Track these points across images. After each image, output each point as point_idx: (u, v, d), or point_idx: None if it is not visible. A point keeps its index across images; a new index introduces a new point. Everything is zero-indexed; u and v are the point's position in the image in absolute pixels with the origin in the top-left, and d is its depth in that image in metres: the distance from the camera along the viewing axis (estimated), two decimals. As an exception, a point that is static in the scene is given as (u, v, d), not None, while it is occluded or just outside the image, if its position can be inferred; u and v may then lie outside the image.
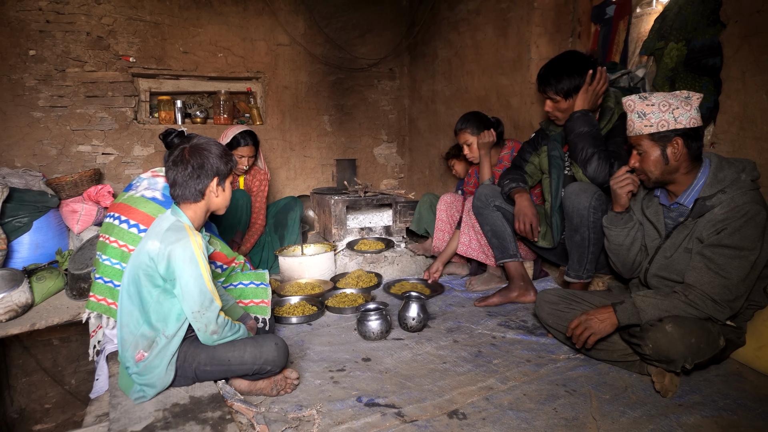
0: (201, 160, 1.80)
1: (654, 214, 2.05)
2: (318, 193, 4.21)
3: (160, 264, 1.71)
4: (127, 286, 1.77)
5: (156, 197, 2.24)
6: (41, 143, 3.94)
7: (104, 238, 2.22)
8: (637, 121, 1.90)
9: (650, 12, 3.06)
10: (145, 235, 1.84)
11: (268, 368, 1.85)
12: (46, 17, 3.84)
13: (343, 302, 2.87)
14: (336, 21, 4.88)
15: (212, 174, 1.82)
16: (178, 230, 1.75)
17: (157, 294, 1.74)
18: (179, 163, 1.80)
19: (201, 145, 1.83)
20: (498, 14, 3.77)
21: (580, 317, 1.98)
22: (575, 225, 2.43)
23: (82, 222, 3.51)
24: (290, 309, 2.78)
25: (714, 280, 1.78)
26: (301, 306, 2.82)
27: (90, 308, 2.24)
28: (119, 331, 1.80)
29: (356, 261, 3.53)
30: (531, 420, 1.71)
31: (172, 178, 1.81)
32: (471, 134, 3.18)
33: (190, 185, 1.80)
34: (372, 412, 1.78)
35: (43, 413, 3.98)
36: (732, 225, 1.77)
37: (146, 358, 1.74)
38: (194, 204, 1.84)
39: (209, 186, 1.83)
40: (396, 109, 5.34)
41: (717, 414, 1.72)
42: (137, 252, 1.78)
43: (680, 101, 1.83)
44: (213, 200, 1.87)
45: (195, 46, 4.35)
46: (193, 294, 1.71)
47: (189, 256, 1.70)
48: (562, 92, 2.50)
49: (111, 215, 2.25)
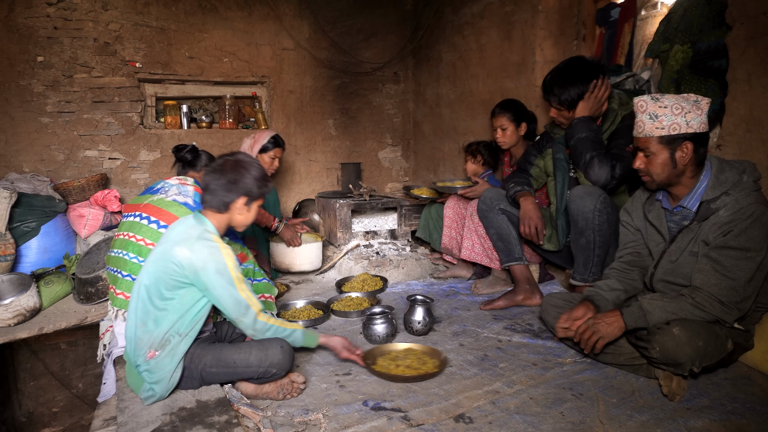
0: (236, 176, 1.85)
1: (657, 218, 2.03)
2: (323, 197, 4.22)
3: (188, 272, 1.75)
4: (147, 286, 1.79)
5: (188, 203, 2.34)
6: (49, 148, 3.97)
7: (131, 237, 2.26)
8: (648, 123, 1.87)
9: (655, 14, 3.05)
10: (168, 238, 1.84)
11: (274, 371, 1.85)
12: (54, 24, 3.87)
13: (348, 306, 2.87)
14: (340, 25, 4.90)
15: (242, 192, 1.86)
16: (208, 243, 1.78)
17: (182, 294, 1.78)
18: (217, 171, 1.86)
19: (243, 162, 1.89)
20: (502, 17, 3.78)
21: (587, 321, 1.97)
22: (580, 228, 2.42)
23: (89, 226, 3.53)
24: (296, 313, 2.79)
25: (721, 282, 1.77)
26: (306, 310, 2.82)
27: (118, 306, 2.27)
28: (132, 330, 1.81)
29: (361, 265, 3.53)
30: (538, 424, 1.71)
31: (206, 183, 1.86)
32: (510, 120, 3.17)
33: (219, 195, 1.84)
34: (378, 416, 1.78)
35: (51, 417, 4.00)
36: (738, 226, 1.76)
37: (157, 356, 1.76)
38: (218, 214, 1.87)
39: (236, 202, 1.86)
40: (401, 112, 5.35)
41: (726, 418, 1.71)
42: (160, 255, 1.80)
43: (691, 105, 1.81)
44: (236, 217, 1.90)
45: (200, 51, 4.38)
46: (229, 304, 1.78)
47: (222, 268, 1.76)
48: (565, 104, 2.50)
49: (137, 214, 2.30)
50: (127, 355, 1.87)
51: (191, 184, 2.44)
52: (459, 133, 4.42)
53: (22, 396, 3.91)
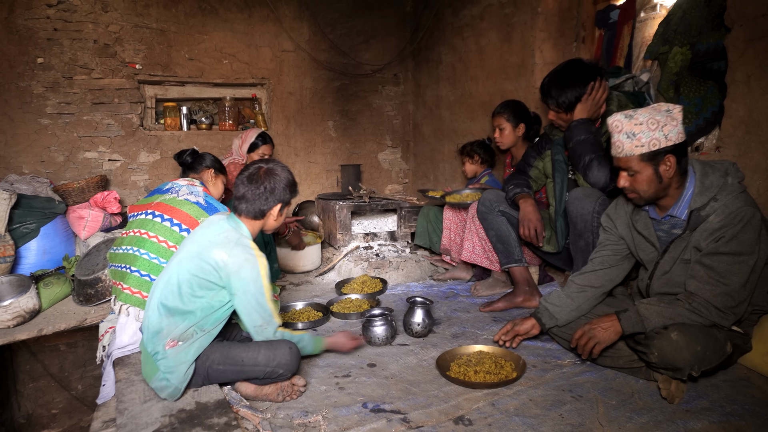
0: (273, 185, 1.92)
1: (645, 228, 2.01)
2: (323, 199, 4.23)
3: (223, 274, 1.80)
4: (179, 282, 1.81)
5: (199, 202, 2.42)
6: (48, 150, 3.97)
7: (142, 233, 2.31)
8: (626, 143, 1.80)
9: (654, 16, 3.06)
10: (205, 239, 1.87)
11: (281, 371, 1.87)
12: (54, 25, 3.88)
13: (348, 308, 2.87)
14: (340, 27, 4.91)
15: (279, 200, 1.94)
16: (246, 249, 1.83)
17: (212, 295, 1.82)
18: (253, 181, 1.91)
19: (276, 170, 1.95)
20: (502, 19, 3.78)
21: (583, 327, 1.96)
22: (579, 230, 2.42)
23: (88, 228, 3.53)
24: (295, 314, 2.79)
25: (715, 288, 1.77)
26: (306, 312, 2.82)
27: (123, 300, 2.28)
28: (156, 318, 1.82)
29: (361, 266, 3.53)
30: (537, 426, 1.71)
31: (242, 193, 1.92)
32: (507, 120, 3.17)
33: (257, 204, 1.91)
34: (377, 418, 1.78)
35: (50, 418, 4.00)
36: (730, 232, 1.75)
37: (178, 346, 1.80)
38: (254, 221, 1.94)
39: (273, 209, 1.94)
40: (400, 114, 5.35)
41: (725, 420, 1.70)
42: (197, 255, 1.83)
43: (665, 116, 1.77)
44: (270, 222, 1.98)
45: (200, 52, 4.38)
46: (255, 311, 1.83)
47: (255, 276, 1.81)
48: (563, 106, 2.50)
49: (148, 212, 2.36)
50: (143, 344, 1.89)
51: (199, 185, 2.52)
52: (459, 135, 4.42)
53: (21, 397, 3.91)
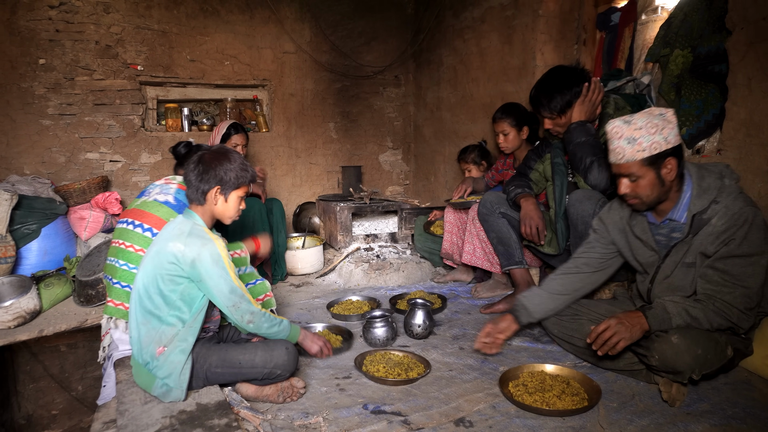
0: (208, 166, 1.86)
1: (642, 232, 1.99)
2: (323, 200, 4.23)
3: (184, 265, 1.77)
4: (146, 285, 1.80)
5: (168, 201, 2.29)
6: (50, 151, 3.97)
7: (120, 244, 2.25)
8: (627, 148, 1.78)
9: (655, 19, 3.06)
10: (161, 237, 1.87)
11: (278, 372, 1.86)
12: (55, 26, 3.88)
13: (348, 309, 2.87)
14: (342, 29, 4.91)
15: (215, 181, 1.87)
16: (201, 236, 1.82)
17: (181, 290, 1.80)
18: (191, 164, 1.89)
19: (218, 152, 1.91)
20: (503, 22, 3.79)
21: (608, 321, 1.82)
22: (580, 232, 2.42)
23: (89, 229, 3.53)
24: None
25: (734, 291, 1.77)
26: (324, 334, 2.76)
27: (108, 313, 2.26)
28: (135, 330, 1.82)
29: (362, 268, 3.53)
30: (538, 428, 1.71)
31: (188, 179, 1.89)
32: (510, 126, 3.16)
33: (194, 186, 1.87)
34: (378, 419, 1.78)
35: (50, 419, 3.99)
36: (738, 234, 1.76)
37: (166, 351, 1.78)
38: (200, 207, 1.90)
39: (210, 191, 1.87)
40: (401, 116, 5.36)
41: (726, 422, 1.70)
42: (156, 253, 1.81)
43: (661, 120, 1.76)
44: (214, 207, 1.91)
45: (202, 54, 4.39)
46: (224, 292, 1.80)
47: (215, 259, 1.79)
48: (556, 110, 2.50)
49: (124, 221, 2.29)
50: (133, 358, 1.88)
51: (176, 182, 2.41)
52: (460, 137, 4.43)
53: (21, 398, 3.91)
